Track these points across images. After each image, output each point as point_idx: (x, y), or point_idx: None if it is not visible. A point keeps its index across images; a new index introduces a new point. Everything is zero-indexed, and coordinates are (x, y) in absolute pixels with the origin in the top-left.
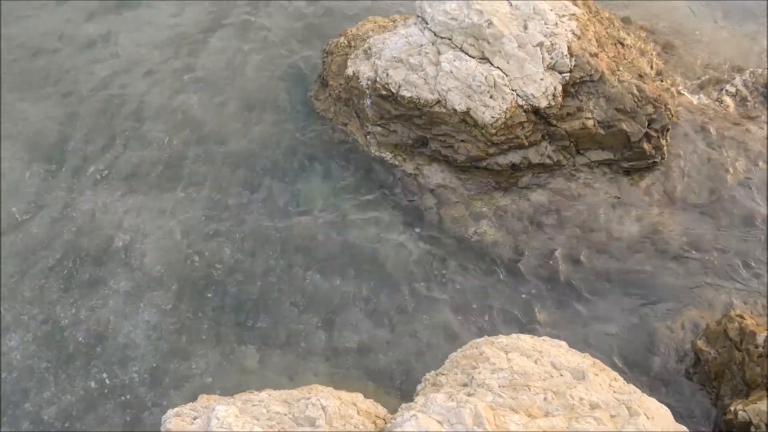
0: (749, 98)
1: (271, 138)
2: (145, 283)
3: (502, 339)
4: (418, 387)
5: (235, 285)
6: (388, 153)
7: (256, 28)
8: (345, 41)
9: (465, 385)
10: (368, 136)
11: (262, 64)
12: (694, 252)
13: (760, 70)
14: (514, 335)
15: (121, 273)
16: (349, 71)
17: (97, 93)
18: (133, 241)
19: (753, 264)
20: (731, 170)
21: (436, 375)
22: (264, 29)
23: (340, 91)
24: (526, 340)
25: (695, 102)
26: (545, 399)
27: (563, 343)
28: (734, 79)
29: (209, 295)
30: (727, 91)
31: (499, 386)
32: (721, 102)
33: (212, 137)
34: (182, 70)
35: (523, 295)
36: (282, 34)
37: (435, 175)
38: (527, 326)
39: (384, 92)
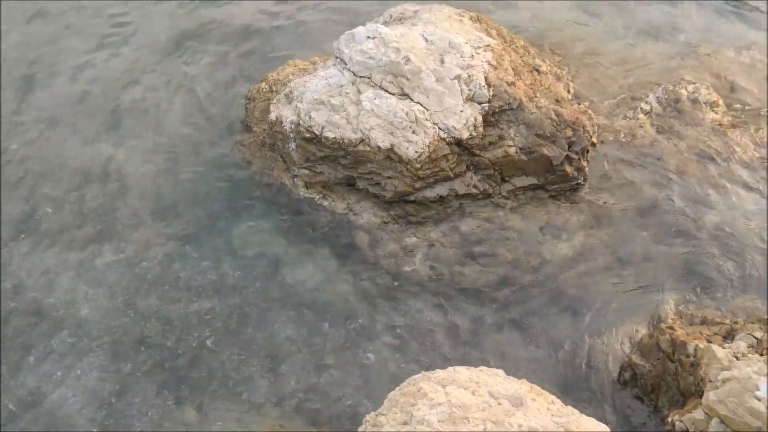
0: (663, 114)
1: (197, 187)
2: (78, 345)
3: (439, 373)
4: (360, 429)
5: (172, 339)
6: (316, 194)
7: (179, 75)
8: (266, 86)
9: (405, 423)
10: (295, 179)
11: (186, 112)
12: (624, 267)
13: (671, 86)
14: (450, 368)
15: (52, 335)
16: (272, 116)
17: (18, 148)
18: (62, 303)
19: (683, 274)
20: (651, 185)
21: (376, 416)
22: (188, 76)
23: (264, 137)
24: (462, 372)
25: (612, 122)
26: (485, 429)
27: (500, 372)
28: (648, 96)
29: (145, 351)
30: (642, 109)
31: (439, 421)
32: (637, 120)
33: (137, 189)
34: (103, 120)
35: (460, 326)
36: (206, 80)
37: (365, 212)
38: (465, 357)
39: (308, 135)
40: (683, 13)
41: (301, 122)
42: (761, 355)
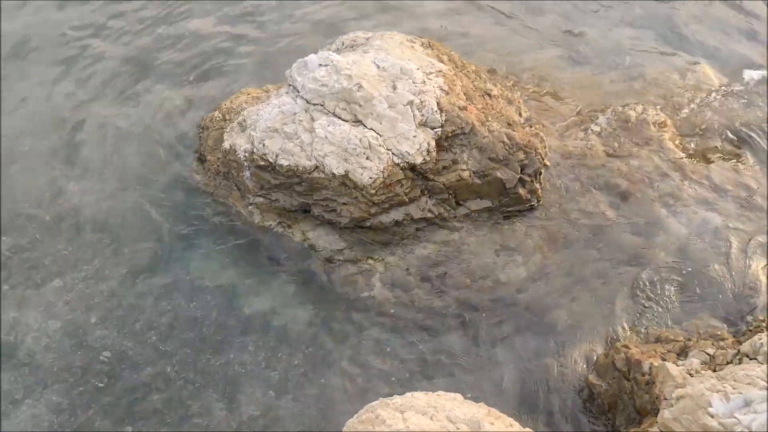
0: (613, 134)
1: (152, 217)
2: (29, 379)
3: (397, 399)
4: None
5: (127, 371)
6: (272, 222)
7: (133, 104)
8: (219, 115)
9: None
10: (251, 207)
11: (139, 142)
12: (579, 287)
13: (620, 108)
14: (408, 394)
15: (5, 371)
16: (226, 145)
17: None
18: (12, 335)
19: (637, 292)
20: (603, 206)
21: None
22: (142, 104)
23: (218, 166)
24: (420, 397)
25: (564, 144)
26: None
27: (458, 396)
28: (598, 118)
29: (100, 385)
30: (592, 130)
31: None
32: (588, 141)
33: (90, 220)
34: (55, 151)
35: (418, 350)
36: (159, 110)
37: (321, 239)
38: (423, 382)
39: (262, 163)
40: (629, 39)
41: (255, 150)
42: (714, 371)
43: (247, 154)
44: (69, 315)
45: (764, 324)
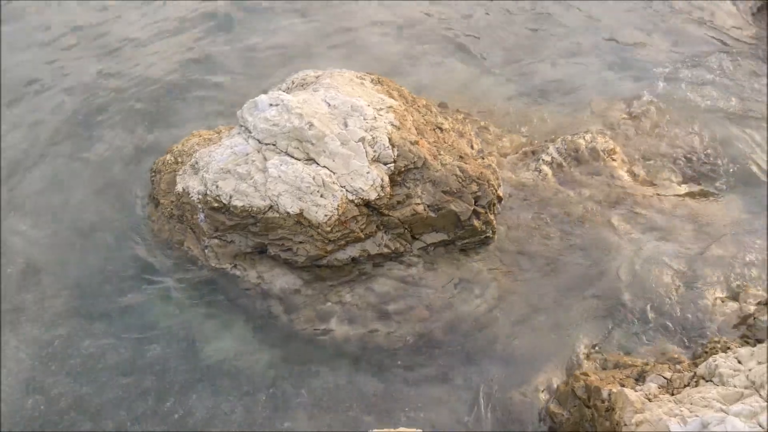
0: (564, 164)
1: (107, 264)
2: None
3: None
4: None
5: (87, 421)
6: (228, 264)
7: (86, 148)
8: (171, 158)
9: None
10: (206, 250)
11: (94, 188)
12: (538, 317)
13: (570, 137)
14: (369, 431)
15: None
16: (179, 188)
17: None
18: None
19: (594, 320)
20: (557, 236)
21: None
22: (94, 149)
23: (172, 209)
24: None
25: (516, 175)
26: None
27: (419, 431)
28: (548, 148)
29: None
30: (543, 160)
31: None
32: (540, 171)
33: (44, 269)
34: (6, 197)
35: (378, 387)
36: (113, 153)
37: (278, 279)
38: (384, 417)
39: (216, 204)
40: (576, 70)
41: (208, 192)
42: (672, 395)
43: (200, 197)
44: (25, 363)
45: (719, 345)
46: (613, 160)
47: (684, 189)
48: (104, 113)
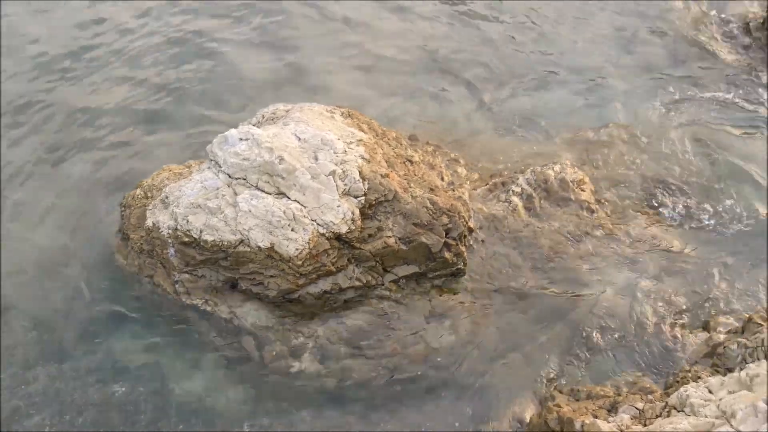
0: (534, 195)
1: (75, 301)
2: None
3: None
4: None
5: None
6: (199, 300)
7: (54, 183)
8: (141, 192)
9: None
10: (177, 285)
11: (62, 223)
12: (510, 349)
13: (539, 168)
14: None
15: None
16: (149, 222)
17: None
18: None
19: (566, 351)
20: (528, 267)
21: None
22: (62, 184)
23: (142, 244)
24: None
25: (487, 206)
26: None
27: None
28: (518, 179)
29: None
30: (513, 191)
31: None
32: (510, 202)
33: (11, 306)
34: None
35: (351, 422)
36: (80, 189)
37: (250, 315)
38: None
39: (186, 239)
40: (546, 99)
41: (178, 227)
42: (644, 425)
43: (170, 231)
44: None
45: (689, 375)
46: (582, 190)
47: (653, 219)
48: (71, 147)
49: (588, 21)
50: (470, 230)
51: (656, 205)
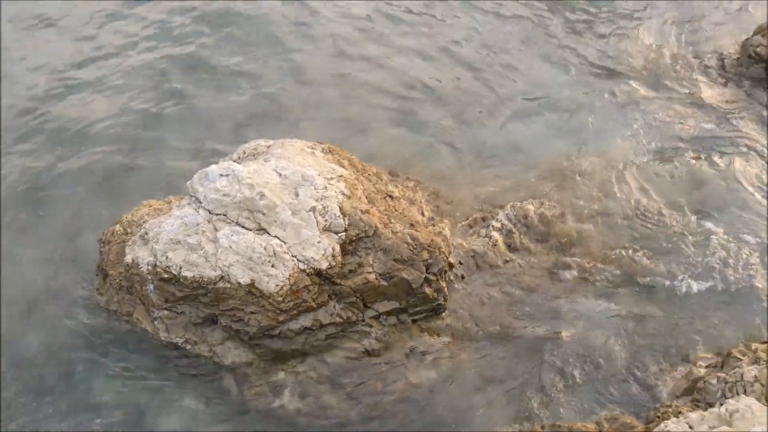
0: (514, 230)
1: (54, 338)
2: None
3: None
4: None
5: None
6: (178, 338)
7: (33, 219)
8: (121, 228)
9: None
10: (156, 322)
11: (39, 260)
12: (490, 385)
13: (518, 203)
14: None
15: None
16: (128, 258)
17: None
18: None
19: (546, 387)
20: (508, 303)
21: None
22: (42, 220)
23: (121, 280)
24: None
25: (467, 242)
26: None
27: None
28: (498, 215)
29: None
30: (493, 227)
31: None
32: (490, 237)
33: None
34: None
35: None
36: (59, 225)
37: (230, 352)
38: None
39: (166, 275)
40: (521, 134)
41: (158, 263)
42: None
43: (150, 267)
44: None
45: (670, 410)
46: (561, 224)
47: (630, 251)
48: (51, 182)
49: (565, 56)
50: (451, 266)
51: (636, 236)
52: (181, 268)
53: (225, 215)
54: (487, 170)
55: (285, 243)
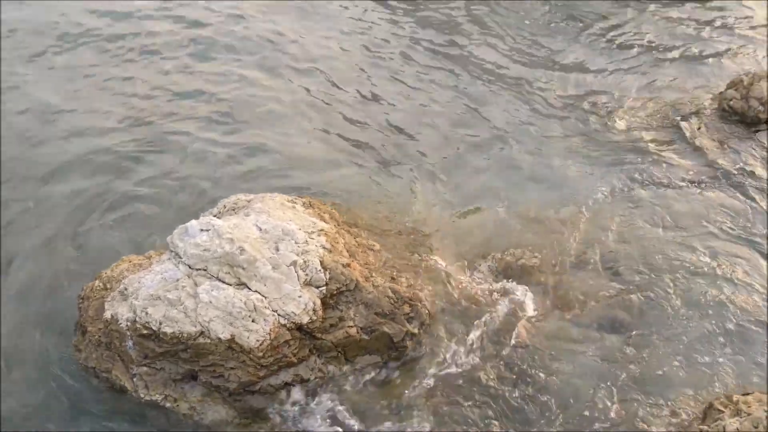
0: (496, 281)
1: (29, 398)
2: None
3: None
4: None
5: None
6: (158, 395)
7: (11, 274)
8: (100, 284)
9: None
10: (135, 379)
11: (18, 316)
12: None
13: (499, 255)
14: None
15: None
16: (107, 314)
17: None
18: None
19: None
20: (492, 355)
21: None
22: (17, 276)
23: (100, 336)
24: None
25: (449, 293)
26: None
27: None
28: (480, 265)
29: None
30: (475, 277)
31: None
32: (472, 289)
33: None
34: None
35: None
36: (37, 279)
37: (210, 410)
38: None
39: (145, 331)
40: (504, 182)
41: (137, 319)
42: None
43: (129, 323)
44: None
45: None
46: (542, 273)
47: (612, 298)
48: (24, 235)
49: (545, 104)
50: (432, 318)
51: (615, 283)
52: (160, 323)
53: (205, 270)
54: (469, 219)
55: (265, 298)
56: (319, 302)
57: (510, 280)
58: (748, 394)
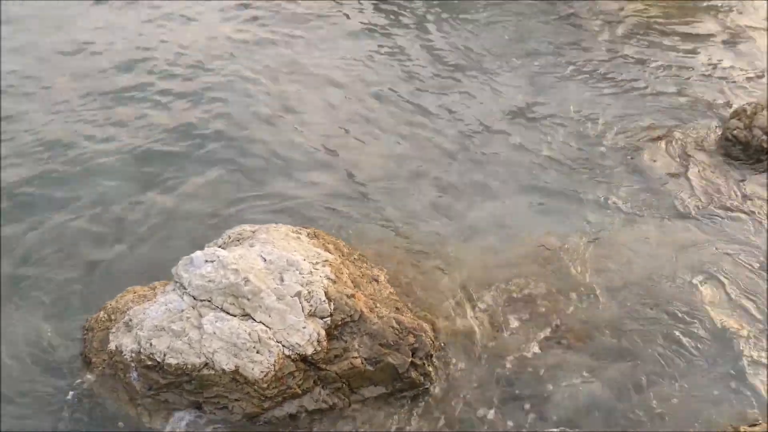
0: (500, 312)
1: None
2: None
3: None
4: None
5: None
6: (161, 426)
7: (14, 314)
8: (105, 315)
9: None
10: (138, 409)
11: (20, 351)
12: None
13: (503, 285)
14: None
15: None
16: (112, 346)
17: None
18: None
19: None
20: (488, 383)
21: None
22: (21, 312)
23: (104, 368)
24: None
25: (453, 323)
26: None
27: None
28: (484, 296)
29: None
30: (479, 308)
31: None
32: (476, 318)
33: None
34: None
35: None
36: (41, 315)
37: None
38: None
39: (149, 363)
40: (507, 211)
41: (141, 350)
42: None
43: (133, 355)
44: None
45: None
46: (546, 303)
47: (611, 326)
48: (35, 269)
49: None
50: (437, 348)
51: (625, 319)
52: (165, 355)
53: (210, 301)
54: (473, 248)
55: (270, 329)
56: (323, 333)
57: (513, 310)
58: (755, 425)
